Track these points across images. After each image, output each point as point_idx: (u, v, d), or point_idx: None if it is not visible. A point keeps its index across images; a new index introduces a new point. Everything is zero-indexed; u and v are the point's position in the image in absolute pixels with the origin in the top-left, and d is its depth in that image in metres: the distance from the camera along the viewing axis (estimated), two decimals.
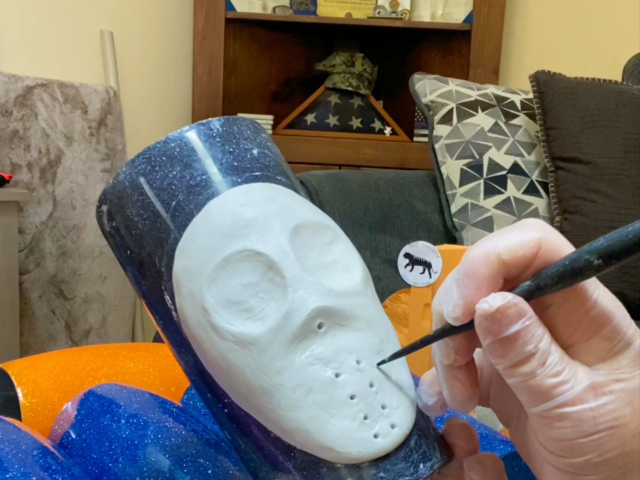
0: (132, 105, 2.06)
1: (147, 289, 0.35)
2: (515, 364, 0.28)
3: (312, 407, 0.31)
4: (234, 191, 0.34)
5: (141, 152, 0.35)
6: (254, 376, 0.31)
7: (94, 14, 2.01)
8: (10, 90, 1.69)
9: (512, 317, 0.28)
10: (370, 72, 2.14)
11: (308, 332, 0.32)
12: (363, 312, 0.34)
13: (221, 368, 0.32)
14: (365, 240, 1.43)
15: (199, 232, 0.33)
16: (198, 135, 0.36)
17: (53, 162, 1.77)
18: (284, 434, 0.31)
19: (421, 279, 0.75)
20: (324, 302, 0.32)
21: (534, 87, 1.48)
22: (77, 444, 0.47)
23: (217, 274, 0.32)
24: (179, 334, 0.34)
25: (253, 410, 0.32)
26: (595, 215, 1.36)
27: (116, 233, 0.36)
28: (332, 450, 0.31)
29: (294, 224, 0.34)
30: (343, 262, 0.35)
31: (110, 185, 0.36)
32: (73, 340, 1.83)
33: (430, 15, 2.11)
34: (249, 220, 0.33)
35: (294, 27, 2.18)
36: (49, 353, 0.61)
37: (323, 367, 0.32)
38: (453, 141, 1.51)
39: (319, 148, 1.99)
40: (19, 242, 1.63)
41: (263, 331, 0.31)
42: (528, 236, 0.28)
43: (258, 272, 0.32)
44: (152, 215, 0.34)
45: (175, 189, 0.34)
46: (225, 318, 0.32)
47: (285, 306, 0.32)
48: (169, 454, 0.44)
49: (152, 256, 0.34)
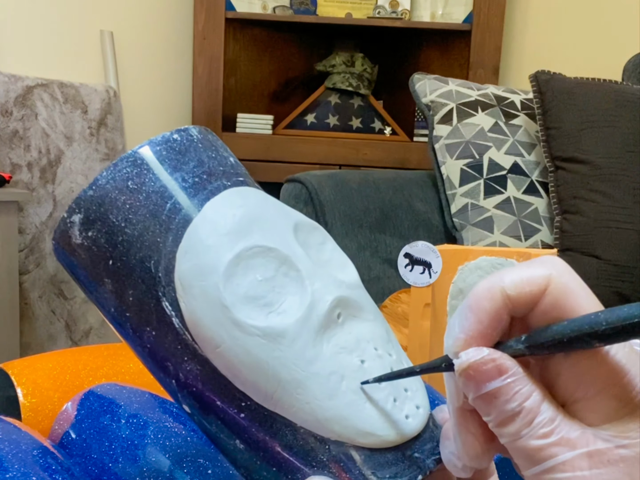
0: (132, 105, 2.06)
1: (134, 301, 0.33)
2: (500, 422, 0.27)
3: (347, 393, 0.31)
4: (228, 192, 0.34)
5: (124, 156, 0.34)
6: (286, 369, 0.31)
7: (94, 14, 2.01)
8: (10, 90, 1.69)
9: (490, 373, 0.26)
10: (370, 72, 2.14)
11: (330, 322, 0.32)
12: (368, 304, 0.35)
13: (245, 366, 0.31)
14: (365, 240, 1.43)
15: (203, 232, 0.32)
16: (182, 140, 0.35)
17: (53, 162, 1.77)
18: (319, 424, 0.31)
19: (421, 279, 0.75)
20: (340, 292, 0.33)
21: (534, 87, 1.48)
22: (77, 444, 0.47)
23: (231, 271, 0.32)
24: (180, 341, 0.32)
25: (282, 407, 0.31)
26: (595, 215, 1.36)
27: (92, 244, 0.34)
28: (372, 435, 0.31)
29: (294, 223, 0.34)
30: (337, 260, 0.35)
31: (85, 193, 0.34)
32: (73, 340, 1.83)
33: (430, 15, 2.11)
34: (252, 219, 0.33)
35: (294, 27, 2.18)
36: (49, 353, 0.61)
37: (349, 355, 0.32)
38: (453, 141, 1.51)
39: (319, 148, 1.99)
40: (19, 242, 1.63)
41: (291, 322, 0.31)
42: (536, 273, 0.27)
43: (271, 267, 0.32)
44: (144, 219, 0.33)
45: (167, 191, 0.33)
46: (247, 314, 0.31)
47: (307, 298, 0.32)
48: (169, 454, 0.44)
49: (144, 262, 0.33)
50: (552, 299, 0.26)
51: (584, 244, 1.35)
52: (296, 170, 1.56)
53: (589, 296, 0.27)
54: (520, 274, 0.27)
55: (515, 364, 0.27)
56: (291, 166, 1.90)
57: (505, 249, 1.00)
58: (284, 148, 2.01)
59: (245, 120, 2.06)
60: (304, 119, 2.11)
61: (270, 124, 2.06)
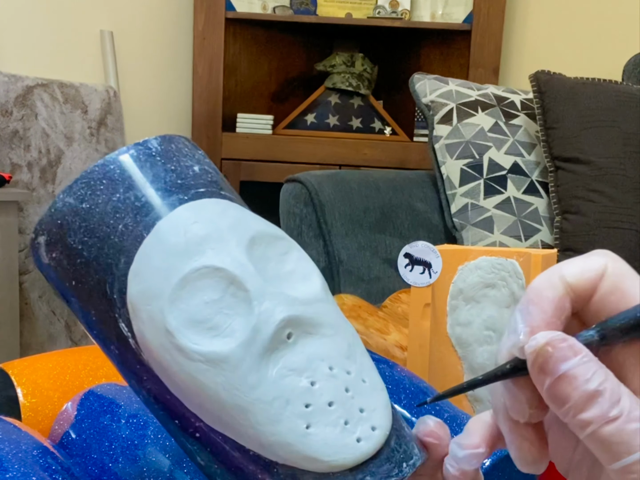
0: (132, 105, 2.06)
1: (98, 320, 0.34)
2: (582, 407, 0.25)
3: (292, 418, 0.31)
4: (182, 209, 0.33)
5: (78, 178, 0.34)
6: (228, 394, 0.30)
7: (94, 14, 2.01)
8: (10, 90, 1.69)
9: (566, 351, 0.25)
10: (370, 72, 2.14)
11: (278, 343, 0.31)
12: (328, 318, 0.33)
13: (191, 390, 0.31)
14: (365, 240, 1.43)
15: (152, 253, 0.32)
16: (138, 155, 0.35)
17: (53, 162, 1.77)
18: (264, 449, 0.31)
19: (421, 279, 0.75)
20: (290, 311, 0.32)
21: (534, 87, 1.48)
22: (77, 444, 0.47)
23: (177, 294, 0.31)
24: (138, 362, 0.33)
25: (229, 430, 0.31)
26: (595, 215, 1.36)
27: (57, 265, 0.34)
28: (316, 461, 0.30)
29: (249, 237, 0.33)
30: (300, 271, 0.34)
31: (46, 214, 0.34)
32: (73, 340, 1.83)
33: (430, 15, 2.11)
34: (203, 237, 0.32)
35: (294, 27, 2.18)
36: (49, 353, 0.61)
37: (297, 377, 0.31)
38: (453, 141, 1.51)
39: (319, 148, 1.99)
40: (19, 242, 1.63)
41: (233, 347, 0.31)
42: (592, 260, 0.27)
43: (219, 288, 0.32)
44: (98, 241, 0.33)
45: (120, 212, 0.33)
46: (191, 338, 0.31)
47: (253, 319, 0.31)
48: (169, 454, 0.44)
49: (101, 284, 0.33)
50: (611, 283, 0.27)
51: (584, 244, 1.35)
52: (296, 170, 1.56)
53: None
54: (578, 262, 0.28)
55: (584, 348, 0.26)
56: (291, 166, 1.90)
57: (505, 249, 1.00)
58: (284, 148, 2.01)
59: (245, 120, 2.06)
60: (304, 119, 2.11)
61: (270, 124, 2.06)
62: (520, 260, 0.72)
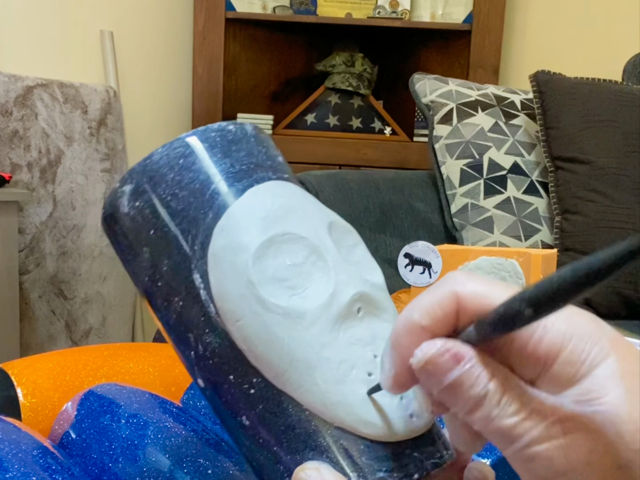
0: (132, 105, 2.06)
1: (169, 270, 0.35)
2: (469, 410, 0.27)
3: (355, 382, 0.32)
4: (272, 183, 0.36)
5: (180, 137, 0.36)
6: (299, 349, 0.32)
7: (94, 14, 2.01)
8: (10, 90, 1.69)
9: (449, 363, 0.26)
10: (370, 72, 2.14)
11: (350, 313, 0.33)
12: (390, 306, 0.36)
13: (262, 341, 0.32)
14: (365, 240, 1.43)
15: (242, 213, 0.34)
16: (236, 132, 0.37)
17: (53, 162, 1.77)
18: (325, 408, 0.32)
19: (421, 279, 0.75)
20: (363, 287, 0.34)
21: (534, 87, 1.48)
22: (77, 444, 0.47)
23: (262, 252, 0.33)
24: (204, 314, 0.34)
25: (290, 385, 0.32)
26: (595, 215, 1.36)
27: (138, 213, 0.36)
28: (374, 425, 0.32)
29: (329, 221, 0.36)
30: (367, 263, 0.37)
31: (139, 165, 0.36)
32: (73, 340, 1.83)
33: (430, 15, 2.11)
34: (290, 208, 0.35)
35: (294, 27, 2.18)
36: (49, 353, 0.61)
37: (363, 348, 0.33)
38: (453, 141, 1.51)
39: (319, 148, 2.00)
40: (19, 242, 1.63)
41: (312, 307, 0.33)
42: (440, 294, 0.27)
43: (301, 255, 0.34)
44: (189, 195, 0.35)
45: (215, 174, 0.36)
46: (271, 292, 0.33)
47: (331, 287, 0.33)
48: (169, 454, 0.44)
49: (183, 234, 0.35)
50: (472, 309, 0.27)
51: (584, 244, 1.35)
52: (296, 170, 1.55)
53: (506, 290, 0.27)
54: (427, 300, 0.28)
55: (469, 349, 0.27)
56: (291, 166, 1.90)
57: (505, 249, 1.00)
58: (284, 148, 1.99)
59: (245, 120, 2.06)
60: (304, 119, 2.11)
61: (270, 124, 2.06)
62: (520, 260, 0.72)
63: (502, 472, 0.48)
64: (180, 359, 0.36)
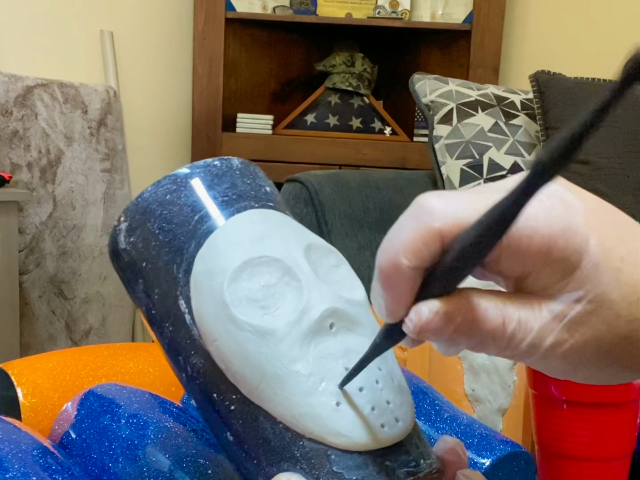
0: (132, 105, 2.06)
1: (159, 298, 0.38)
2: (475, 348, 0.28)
3: (324, 394, 0.33)
4: (252, 212, 0.38)
5: (168, 175, 0.39)
6: (270, 364, 0.33)
7: (94, 14, 2.01)
8: (10, 90, 1.69)
9: (440, 324, 0.27)
10: (370, 72, 2.14)
11: (321, 329, 0.34)
12: (367, 321, 0.36)
13: (236, 359, 0.34)
14: (365, 240, 1.43)
15: (221, 240, 0.36)
16: (221, 167, 0.40)
17: (53, 162, 1.77)
18: (295, 420, 0.33)
19: None
20: (335, 304, 0.35)
21: (534, 87, 1.48)
22: (77, 444, 0.47)
23: (237, 274, 0.35)
24: (189, 337, 0.36)
25: (264, 399, 0.34)
26: None
27: (133, 248, 0.39)
28: (343, 436, 0.33)
29: (306, 243, 0.37)
30: (348, 282, 0.38)
31: (132, 204, 0.39)
32: (73, 340, 1.83)
33: (430, 15, 2.11)
34: (266, 234, 0.37)
35: (294, 27, 2.18)
36: (49, 353, 0.61)
37: (334, 361, 0.34)
38: (453, 141, 1.51)
39: (319, 148, 2.00)
40: (19, 242, 1.63)
41: (282, 323, 0.34)
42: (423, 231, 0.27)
43: (275, 276, 0.35)
44: (176, 227, 0.38)
45: (198, 206, 0.38)
46: (243, 312, 0.34)
47: (302, 303, 0.35)
48: (169, 454, 0.44)
49: (169, 264, 0.37)
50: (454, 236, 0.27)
51: None
52: (296, 170, 1.56)
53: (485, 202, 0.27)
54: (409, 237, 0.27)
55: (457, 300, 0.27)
56: (291, 166, 1.90)
57: None
58: (284, 148, 2.01)
59: (245, 120, 2.06)
60: (304, 119, 2.11)
61: (270, 124, 2.06)
62: None
63: (502, 472, 0.48)
64: (179, 381, 0.38)
